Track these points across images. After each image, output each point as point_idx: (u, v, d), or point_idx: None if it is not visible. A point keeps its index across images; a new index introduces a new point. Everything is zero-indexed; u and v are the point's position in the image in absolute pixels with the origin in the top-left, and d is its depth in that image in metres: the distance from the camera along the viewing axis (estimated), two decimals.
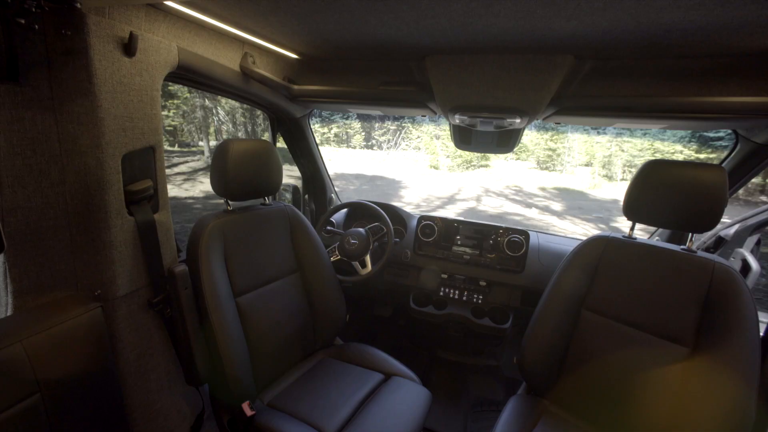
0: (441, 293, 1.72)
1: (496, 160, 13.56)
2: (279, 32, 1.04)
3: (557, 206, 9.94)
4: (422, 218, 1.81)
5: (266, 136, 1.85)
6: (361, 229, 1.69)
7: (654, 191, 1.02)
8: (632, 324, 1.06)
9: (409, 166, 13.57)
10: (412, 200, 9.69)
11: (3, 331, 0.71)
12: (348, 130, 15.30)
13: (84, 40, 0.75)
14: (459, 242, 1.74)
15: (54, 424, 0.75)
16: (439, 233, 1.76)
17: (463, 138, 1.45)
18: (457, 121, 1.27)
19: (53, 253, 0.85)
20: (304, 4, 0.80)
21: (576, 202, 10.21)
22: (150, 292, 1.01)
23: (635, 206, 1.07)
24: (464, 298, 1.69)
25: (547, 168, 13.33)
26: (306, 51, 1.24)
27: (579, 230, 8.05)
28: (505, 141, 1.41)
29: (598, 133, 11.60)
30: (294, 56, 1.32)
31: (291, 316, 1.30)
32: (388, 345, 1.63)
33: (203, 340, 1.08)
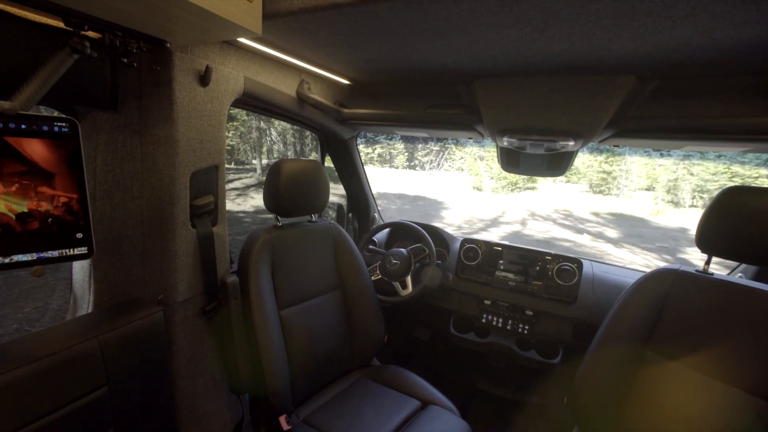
0: (483, 320, 1.65)
1: (543, 182, 12.98)
2: (333, 60, 1.11)
3: (612, 233, 9.19)
4: (465, 241, 1.76)
5: (314, 155, 1.95)
6: (403, 250, 1.69)
7: (737, 221, 0.90)
8: (710, 373, 0.93)
9: (452, 187, 13.43)
10: (454, 221, 9.51)
11: (84, 326, 0.81)
12: (391, 151, 15.62)
13: (169, 73, 0.86)
14: (502, 267, 1.67)
15: (117, 417, 0.82)
16: (482, 257, 1.71)
17: (511, 160, 1.41)
18: (506, 143, 1.24)
19: (128, 259, 0.95)
20: (359, 35, 0.85)
21: (635, 229, 9.36)
22: (204, 300, 1.08)
23: (712, 237, 0.95)
24: (508, 327, 1.60)
25: (600, 192, 12.48)
26: (357, 77, 1.31)
27: (639, 260, 7.33)
28: (557, 164, 1.34)
29: (662, 155, 10.67)
30: (345, 82, 1.40)
31: (330, 332, 1.31)
32: (425, 369, 1.57)
33: (248, 350, 1.12)
